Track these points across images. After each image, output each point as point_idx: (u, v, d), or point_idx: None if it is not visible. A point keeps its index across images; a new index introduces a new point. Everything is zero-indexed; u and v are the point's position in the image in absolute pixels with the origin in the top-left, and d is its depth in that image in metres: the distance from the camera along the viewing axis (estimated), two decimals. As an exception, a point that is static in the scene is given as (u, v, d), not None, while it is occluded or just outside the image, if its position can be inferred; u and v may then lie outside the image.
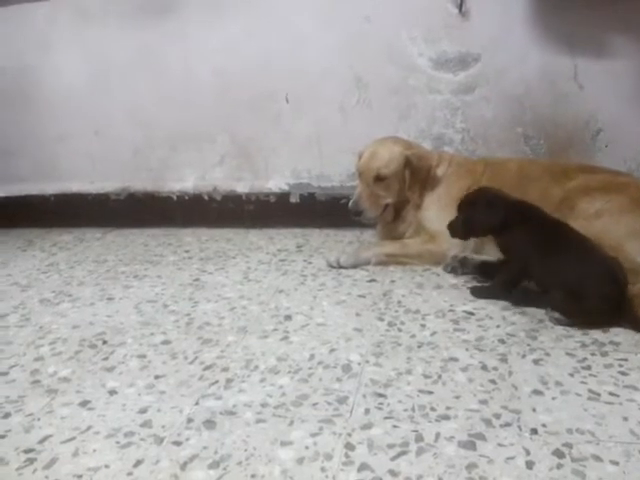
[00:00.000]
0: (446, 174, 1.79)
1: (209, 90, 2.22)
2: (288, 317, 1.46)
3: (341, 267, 1.78)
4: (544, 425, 0.99)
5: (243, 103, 2.21)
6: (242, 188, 2.33)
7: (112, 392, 1.16)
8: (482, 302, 1.50)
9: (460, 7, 1.90)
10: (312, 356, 1.25)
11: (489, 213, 1.47)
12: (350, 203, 1.78)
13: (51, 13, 2.28)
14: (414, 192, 1.77)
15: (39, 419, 1.07)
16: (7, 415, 1.09)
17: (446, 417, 1.02)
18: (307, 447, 0.96)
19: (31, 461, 0.96)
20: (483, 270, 1.64)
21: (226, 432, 1.01)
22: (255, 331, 1.39)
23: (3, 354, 1.35)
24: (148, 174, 2.39)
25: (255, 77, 2.16)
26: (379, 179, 1.75)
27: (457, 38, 1.95)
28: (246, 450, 0.96)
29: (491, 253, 1.73)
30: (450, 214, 1.65)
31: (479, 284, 1.61)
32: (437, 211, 1.76)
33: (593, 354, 1.22)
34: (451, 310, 1.46)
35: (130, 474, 0.91)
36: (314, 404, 1.08)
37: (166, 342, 1.37)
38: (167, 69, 2.25)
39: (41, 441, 1.01)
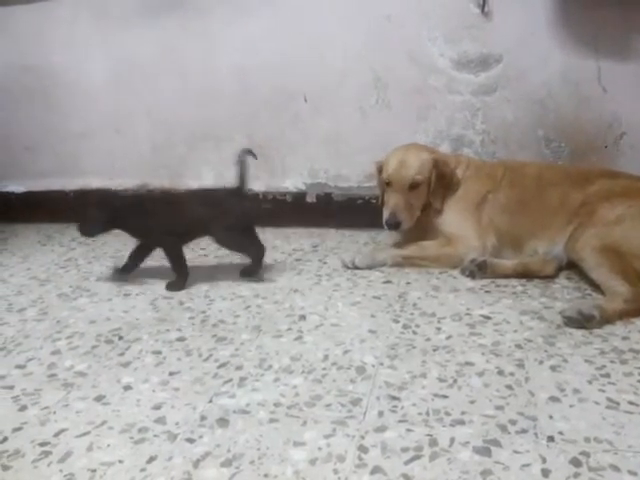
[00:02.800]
0: (464, 178, 1.77)
1: (229, 89, 2.23)
2: (302, 317, 1.46)
3: (356, 268, 1.77)
4: (561, 433, 0.97)
5: (262, 102, 2.22)
6: (259, 187, 2.33)
7: (127, 387, 1.17)
8: (500, 306, 1.48)
9: (482, 7, 1.88)
10: (326, 357, 1.25)
11: (101, 211, 1.68)
12: (387, 215, 1.70)
13: (74, 11, 2.30)
14: (437, 197, 1.74)
15: (55, 412, 1.09)
16: (24, 407, 1.11)
17: (461, 422, 1.01)
18: (320, 448, 0.95)
19: (46, 454, 0.96)
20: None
21: (239, 431, 1.01)
22: (269, 330, 1.39)
23: (21, 347, 1.37)
24: (166, 172, 2.41)
25: (275, 76, 2.17)
26: (413, 187, 1.71)
27: (479, 38, 1.93)
28: (259, 449, 0.96)
29: (511, 256, 1.71)
30: (468, 218, 1.64)
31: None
32: (455, 215, 1.74)
33: (612, 362, 1.20)
34: (467, 314, 1.44)
35: (143, 470, 0.92)
36: (327, 405, 1.07)
37: (181, 339, 1.37)
38: (188, 68, 2.26)
39: (56, 434, 1.02)
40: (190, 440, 0.99)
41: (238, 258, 1.95)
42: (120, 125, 2.41)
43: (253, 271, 1.75)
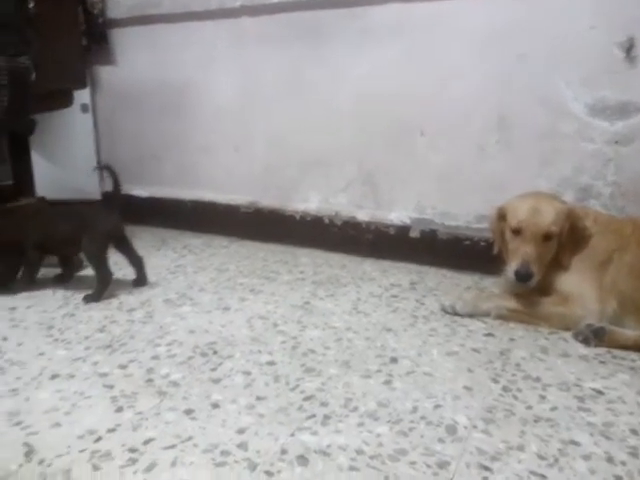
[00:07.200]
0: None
1: (347, 116, 2.26)
2: (394, 359, 1.41)
3: (456, 314, 1.68)
4: None
5: (378, 132, 2.21)
6: (363, 216, 2.32)
7: (215, 405, 1.19)
8: (615, 381, 1.33)
9: (628, 52, 1.73)
10: (415, 408, 1.19)
11: None
12: (518, 265, 1.56)
13: (214, 32, 2.47)
14: (566, 252, 1.60)
15: (147, 419, 1.13)
16: (120, 409, 1.17)
17: (560, 512, 0.90)
18: (399, 510, 0.90)
19: (133, 461, 1.00)
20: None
21: (318, 473, 0.98)
22: (358, 369, 1.36)
23: (125, 348, 1.45)
24: (276, 192, 2.48)
25: (394, 107, 2.15)
26: (547, 238, 1.58)
27: (620, 85, 1.77)
28: (335, 498, 0.92)
29: (633, 326, 1.54)
30: (589, 277, 1.50)
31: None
32: (577, 272, 1.59)
33: None
34: (577, 385, 1.30)
35: (220, 496, 0.92)
36: (412, 463, 1.01)
37: (271, 363, 1.38)
38: (311, 93, 2.32)
39: (145, 442, 1.05)
40: (269, 473, 0.98)
41: (333, 285, 1.95)
42: (239, 143, 2.53)
43: (141, 282, 1.91)
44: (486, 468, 1.00)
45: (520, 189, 1.78)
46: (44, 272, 1.95)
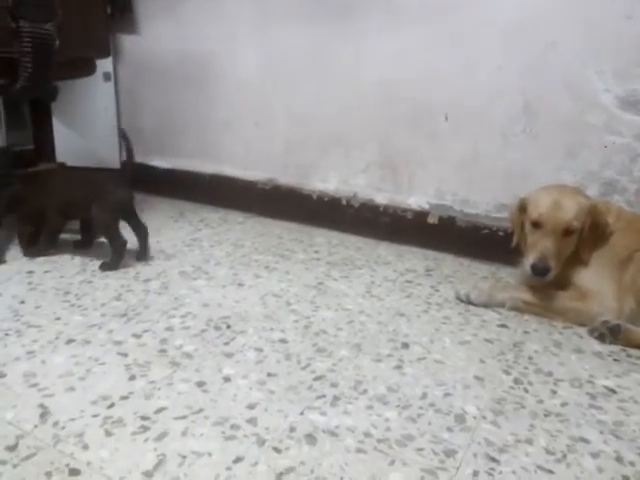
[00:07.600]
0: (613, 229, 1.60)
1: (370, 98, 2.22)
2: (405, 345, 1.41)
3: (470, 303, 1.67)
4: None
5: (400, 115, 2.18)
6: (381, 199, 2.30)
7: (227, 379, 1.20)
8: (628, 380, 1.31)
9: (666, 44, 1.68)
10: (424, 395, 1.19)
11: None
12: (536, 259, 1.53)
13: (239, 6, 2.43)
14: (586, 247, 1.57)
15: (159, 389, 1.15)
16: (133, 377, 1.18)
17: (566, 507, 0.91)
18: (404, 494, 0.91)
19: (145, 429, 1.02)
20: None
21: (325, 453, 0.99)
22: (369, 352, 1.36)
23: (140, 317, 1.47)
24: (295, 170, 2.47)
25: (418, 91, 2.12)
26: (567, 233, 1.55)
27: (655, 78, 1.72)
28: (342, 478, 0.93)
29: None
30: (608, 274, 1.48)
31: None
32: (596, 268, 1.57)
33: None
34: (590, 382, 1.29)
35: (229, 469, 0.93)
36: (419, 449, 1.02)
37: (283, 341, 1.39)
38: (333, 73, 2.28)
39: (157, 411, 1.07)
40: (277, 450, 0.99)
41: (348, 267, 1.95)
42: (260, 119, 2.51)
43: (142, 256, 1.89)
44: (493, 459, 1.00)
45: (543, 180, 1.75)
46: (65, 237, 1.97)
